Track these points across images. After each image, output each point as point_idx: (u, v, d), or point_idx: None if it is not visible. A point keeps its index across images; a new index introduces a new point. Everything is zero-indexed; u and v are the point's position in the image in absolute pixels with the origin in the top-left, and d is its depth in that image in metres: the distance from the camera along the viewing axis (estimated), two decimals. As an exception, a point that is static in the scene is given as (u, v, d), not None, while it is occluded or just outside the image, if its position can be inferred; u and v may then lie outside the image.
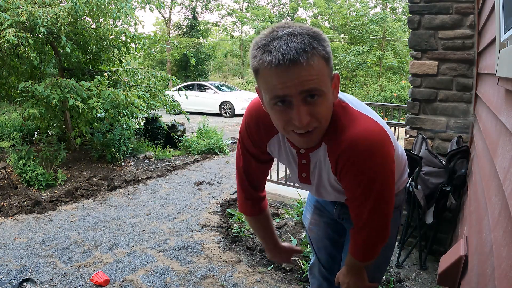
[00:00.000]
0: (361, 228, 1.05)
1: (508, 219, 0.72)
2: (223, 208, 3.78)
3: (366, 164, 0.89)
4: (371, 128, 0.89)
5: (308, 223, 1.48)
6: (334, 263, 1.46)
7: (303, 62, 0.75)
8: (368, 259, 1.12)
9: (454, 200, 2.13)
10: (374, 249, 1.10)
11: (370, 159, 0.88)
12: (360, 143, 0.87)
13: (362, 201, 0.97)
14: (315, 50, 0.77)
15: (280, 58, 0.75)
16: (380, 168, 0.91)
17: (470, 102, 2.37)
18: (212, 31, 29.88)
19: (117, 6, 4.91)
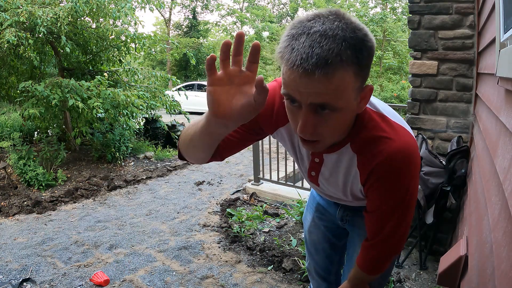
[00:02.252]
0: (381, 241, 0.98)
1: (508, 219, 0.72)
2: (223, 208, 3.78)
3: (403, 179, 0.86)
4: (410, 142, 0.84)
5: (308, 225, 1.45)
6: (331, 264, 1.45)
7: (319, 76, 0.64)
8: (377, 272, 1.07)
9: (454, 200, 2.14)
10: (386, 261, 1.05)
11: (407, 174, 0.85)
12: (399, 157, 0.82)
13: (388, 214, 0.93)
14: (344, 62, 0.64)
15: (297, 63, 0.64)
16: (413, 182, 0.88)
17: (470, 102, 2.37)
18: (212, 31, 29.87)
19: (117, 6, 4.91)
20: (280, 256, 2.68)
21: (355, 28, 0.66)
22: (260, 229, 3.21)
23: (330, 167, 0.96)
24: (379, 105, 0.88)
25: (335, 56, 0.63)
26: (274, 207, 3.77)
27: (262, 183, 4.23)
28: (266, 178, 4.21)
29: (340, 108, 0.70)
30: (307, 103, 0.70)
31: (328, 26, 0.65)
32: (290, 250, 2.76)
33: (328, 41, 0.63)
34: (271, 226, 3.26)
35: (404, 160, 0.83)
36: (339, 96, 0.68)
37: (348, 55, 0.64)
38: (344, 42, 0.64)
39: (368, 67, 0.70)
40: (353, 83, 0.69)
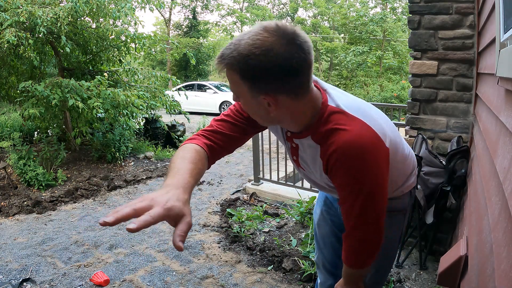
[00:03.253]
0: (350, 232, 1.04)
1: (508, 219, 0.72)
2: (223, 208, 3.78)
3: (356, 168, 0.91)
4: (364, 134, 0.90)
5: (317, 219, 1.50)
6: (339, 258, 1.46)
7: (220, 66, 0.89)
8: (359, 266, 1.09)
9: (454, 200, 2.14)
10: (365, 254, 1.06)
11: (360, 164, 0.90)
12: (350, 146, 0.89)
13: (352, 203, 0.97)
14: (229, 64, 0.86)
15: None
16: (370, 173, 0.92)
17: (470, 102, 2.37)
18: (212, 31, 29.88)
19: (117, 6, 4.91)
20: (280, 256, 2.68)
21: (252, 45, 0.82)
22: (260, 229, 3.21)
23: (305, 153, 1.06)
24: (344, 102, 0.96)
25: (226, 57, 0.85)
26: (274, 207, 3.77)
27: (262, 183, 4.24)
28: (266, 178, 4.21)
29: (239, 97, 0.93)
30: None
31: (240, 38, 0.85)
32: (290, 250, 2.76)
33: (229, 47, 0.85)
34: (271, 226, 3.26)
35: (355, 151, 0.89)
36: (234, 88, 0.91)
37: (233, 62, 0.84)
38: (235, 51, 0.83)
39: (253, 78, 0.85)
40: (242, 84, 0.87)
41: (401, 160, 1.12)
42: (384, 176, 0.95)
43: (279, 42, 0.82)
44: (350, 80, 20.13)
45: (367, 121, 0.93)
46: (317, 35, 25.17)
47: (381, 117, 1.03)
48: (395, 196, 1.21)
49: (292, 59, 0.83)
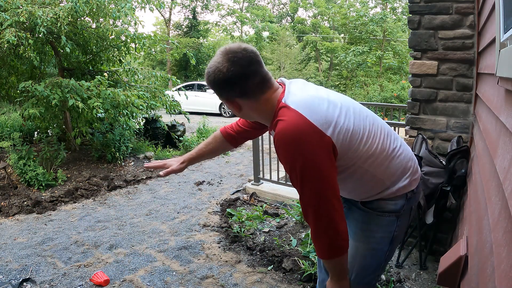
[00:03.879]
0: (304, 216, 1.14)
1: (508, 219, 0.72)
2: (223, 208, 3.78)
3: (288, 151, 1.06)
4: (293, 122, 1.06)
5: None
6: None
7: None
8: (323, 255, 1.13)
9: (454, 200, 2.14)
10: (323, 243, 1.11)
11: (290, 146, 1.05)
12: (283, 132, 1.06)
13: (295, 186, 1.12)
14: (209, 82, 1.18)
15: None
16: (300, 154, 1.04)
17: (470, 102, 2.37)
18: (212, 31, 29.87)
19: (117, 6, 4.91)
20: (280, 256, 2.68)
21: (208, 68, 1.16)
22: (260, 229, 3.21)
23: None
24: (292, 99, 1.12)
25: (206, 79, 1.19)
26: (274, 207, 3.77)
27: (262, 183, 4.24)
28: (266, 178, 4.21)
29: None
30: None
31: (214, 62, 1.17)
32: (290, 250, 2.76)
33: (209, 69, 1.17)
34: (271, 226, 3.26)
35: (286, 136, 1.06)
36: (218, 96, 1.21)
37: (207, 81, 1.19)
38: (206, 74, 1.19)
39: (216, 90, 1.18)
40: (215, 93, 1.19)
41: (371, 153, 1.17)
42: (318, 159, 1.06)
43: (222, 62, 1.11)
44: (350, 80, 20.13)
45: (304, 112, 1.08)
46: (317, 35, 25.18)
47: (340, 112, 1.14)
48: (385, 197, 1.24)
49: (229, 71, 1.10)
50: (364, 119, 1.19)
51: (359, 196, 1.28)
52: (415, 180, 1.29)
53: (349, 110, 1.16)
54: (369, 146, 1.16)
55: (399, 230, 1.30)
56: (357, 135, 1.14)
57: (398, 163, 1.23)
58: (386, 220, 1.26)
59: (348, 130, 1.12)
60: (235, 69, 1.09)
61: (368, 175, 1.20)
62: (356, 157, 1.15)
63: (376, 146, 1.18)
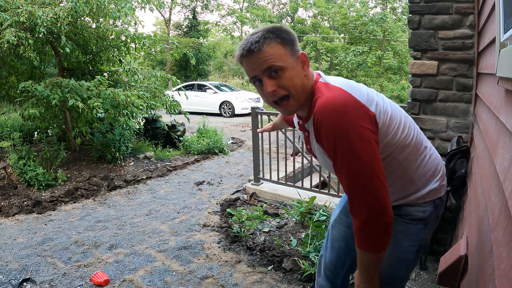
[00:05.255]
0: (350, 207, 1.04)
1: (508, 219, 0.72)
2: (223, 208, 3.78)
3: (332, 125, 0.99)
4: (336, 95, 1.02)
5: (333, 219, 1.48)
6: (342, 267, 1.43)
7: (256, 50, 1.03)
8: (366, 248, 1.04)
9: (454, 200, 2.13)
10: (367, 233, 1.02)
11: (335, 120, 0.98)
12: (324, 107, 1.00)
13: (339, 168, 1.03)
14: (267, 39, 1.04)
15: (243, 52, 1.06)
16: (345, 128, 0.98)
17: (470, 102, 2.37)
18: (212, 31, 29.87)
19: (117, 6, 4.91)
20: (280, 256, 2.68)
21: (269, 26, 1.08)
22: (260, 229, 3.21)
23: (312, 137, 1.15)
24: (330, 79, 1.11)
25: (261, 37, 1.04)
26: (274, 207, 3.77)
27: (262, 183, 4.24)
28: (266, 178, 4.21)
29: (283, 67, 1.05)
30: (261, 72, 1.06)
31: (254, 31, 1.08)
32: (290, 250, 2.76)
33: (254, 34, 1.06)
34: (271, 226, 3.26)
35: (328, 110, 1.00)
36: (277, 59, 1.05)
37: (269, 35, 1.05)
38: (264, 31, 1.06)
39: (291, 41, 1.08)
40: (283, 49, 1.06)
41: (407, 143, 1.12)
42: (364, 132, 0.99)
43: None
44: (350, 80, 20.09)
45: (347, 89, 1.04)
46: (317, 35, 25.17)
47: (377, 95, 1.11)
48: (414, 202, 1.17)
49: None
50: (399, 110, 1.16)
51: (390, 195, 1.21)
52: (443, 186, 1.22)
53: (384, 98, 1.14)
54: (406, 135, 1.12)
55: (426, 239, 1.22)
56: (395, 121, 1.10)
57: (430, 163, 1.18)
58: (414, 228, 1.18)
59: (387, 113, 1.08)
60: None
61: (401, 170, 1.14)
62: (393, 145, 1.10)
63: (412, 138, 1.14)
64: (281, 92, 1.07)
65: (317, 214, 3.12)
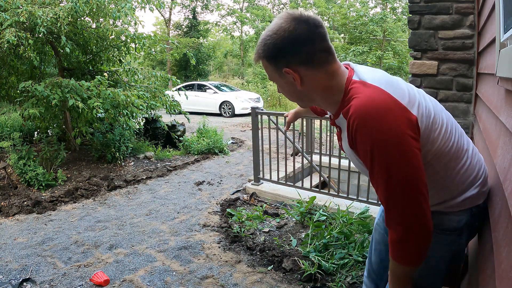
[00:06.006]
0: (386, 216, 0.95)
1: (508, 219, 0.72)
2: (223, 208, 3.78)
3: (367, 130, 0.89)
4: (374, 96, 0.91)
5: (376, 222, 1.44)
6: (385, 271, 1.39)
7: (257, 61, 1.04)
8: (402, 260, 0.97)
9: (454, 200, 2.13)
10: (404, 248, 0.95)
11: (373, 123, 0.88)
12: (361, 109, 0.90)
13: (374, 180, 0.94)
14: (257, 55, 1.02)
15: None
16: (384, 131, 0.88)
17: (470, 102, 2.37)
18: (212, 31, 29.87)
19: (117, 6, 4.91)
20: (280, 256, 2.68)
21: (265, 33, 0.99)
22: (260, 229, 3.21)
23: (344, 134, 1.06)
24: (367, 76, 0.99)
25: (256, 51, 1.03)
26: (274, 207, 3.77)
27: (262, 183, 4.23)
28: (266, 178, 4.21)
29: (274, 81, 1.06)
30: None
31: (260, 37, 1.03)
32: (290, 250, 2.76)
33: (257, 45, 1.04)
34: (271, 226, 3.26)
35: (366, 112, 0.89)
36: (268, 74, 1.05)
37: (258, 50, 1.01)
38: (258, 44, 1.02)
39: (272, 58, 0.99)
40: (269, 65, 1.02)
41: (448, 150, 1.00)
42: (406, 139, 0.88)
43: (286, 21, 0.96)
44: (350, 80, 20.08)
45: (385, 88, 0.93)
46: (317, 35, 25.10)
47: (419, 93, 1.01)
48: (448, 210, 1.06)
49: (296, 30, 0.94)
50: (441, 110, 1.04)
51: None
52: (483, 193, 1.07)
53: (425, 95, 1.03)
54: (447, 140, 1.00)
55: (460, 248, 1.12)
56: (437, 124, 0.98)
57: (470, 169, 1.04)
58: (446, 239, 1.08)
59: (429, 115, 0.96)
60: (302, 28, 0.94)
61: (437, 178, 1.02)
62: (432, 152, 0.98)
63: (453, 143, 1.01)
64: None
65: (317, 214, 3.12)
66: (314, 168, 4.07)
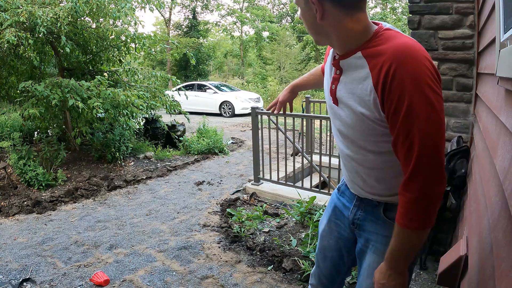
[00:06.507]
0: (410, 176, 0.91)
1: (508, 219, 0.72)
2: (223, 208, 3.78)
3: (409, 72, 0.87)
4: (414, 42, 0.92)
5: (321, 229, 1.40)
6: (338, 274, 1.40)
7: None
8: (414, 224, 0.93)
9: (454, 200, 2.13)
10: (423, 205, 0.91)
11: (414, 65, 0.87)
12: (404, 46, 0.89)
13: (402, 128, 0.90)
14: None
15: None
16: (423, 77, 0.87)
17: (470, 102, 2.37)
18: (212, 31, 29.88)
19: (117, 6, 4.91)
20: (280, 256, 2.68)
21: None
22: (260, 229, 3.21)
23: (347, 78, 1.04)
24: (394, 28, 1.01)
25: None
26: (274, 207, 3.77)
27: (262, 183, 4.24)
28: (266, 178, 4.21)
29: (298, 6, 1.03)
30: None
31: None
32: (290, 250, 2.76)
33: None
34: (271, 226, 3.26)
35: (408, 51, 0.88)
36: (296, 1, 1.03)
37: None
38: None
39: None
40: None
41: None
42: (438, 87, 0.89)
43: None
44: (350, 80, 20.08)
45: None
46: (317, 35, 25.10)
47: None
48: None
49: None
50: None
51: (389, 189, 1.09)
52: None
53: None
54: None
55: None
56: None
57: None
58: None
59: None
60: None
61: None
62: None
63: None
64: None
65: (317, 214, 3.12)
66: (314, 168, 4.07)
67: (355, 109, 1.00)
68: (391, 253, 1.02)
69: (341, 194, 1.33)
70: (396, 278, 1.02)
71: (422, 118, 0.87)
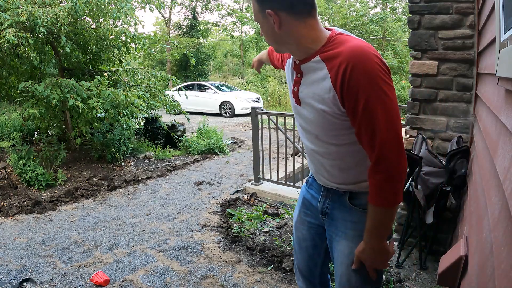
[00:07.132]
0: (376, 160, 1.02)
1: (508, 219, 0.72)
2: (223, 208, 3.78)
3: (364, 69, 0.97)
4: (365, 44, 1.03)
5: (295, 221, 1.47)
6: (315, 266, 1.44)
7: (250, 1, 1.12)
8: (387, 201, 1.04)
9: (454, 200, 2.13)
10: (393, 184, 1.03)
11: (367, 64, 0.98)
12: (357, 48, 1.00)
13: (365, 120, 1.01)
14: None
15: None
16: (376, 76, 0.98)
17: (470, 102, 2.37)
18: (212, 31, 29.85)
19: (117, 6, 4.91)
20: (280, 256, 2.68)
21: None
22: (260, 229, 3.21)
23: (307, 80, 1.13)
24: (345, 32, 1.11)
25: None
26: (274, 207, 3.77)
27: (262, 183, 4.24)
28: (266, 178, 4.21)
29: (258, 22, 1.10)
30: None
31: None
32: (290, 250, 2.76)
33: None
34: (271, 226, 3.26)
35: (361, 52, 0.99)
36: (255, 14, 1.10)
37: None
38: None
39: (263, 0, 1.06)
40: (256, 5, 1.07)
41: None
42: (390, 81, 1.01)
43: None
44: (350, 80, 20.06)
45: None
46: (317, 35, 25.10)
47: None
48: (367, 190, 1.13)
49: None
50: None
51: (352, 178, 1.19)
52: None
53: None
54: None
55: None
56: None
57: None
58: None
59: None
60: None
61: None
62: None
63: None
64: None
65: (317, 214, 3.12)
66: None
67: (316, 106, 1.10)
68: (369, 232, 1.12)
69: (309, 186, 1.41)
70: (378, 253, 1.13)
71: (380, 107, 0.99)
